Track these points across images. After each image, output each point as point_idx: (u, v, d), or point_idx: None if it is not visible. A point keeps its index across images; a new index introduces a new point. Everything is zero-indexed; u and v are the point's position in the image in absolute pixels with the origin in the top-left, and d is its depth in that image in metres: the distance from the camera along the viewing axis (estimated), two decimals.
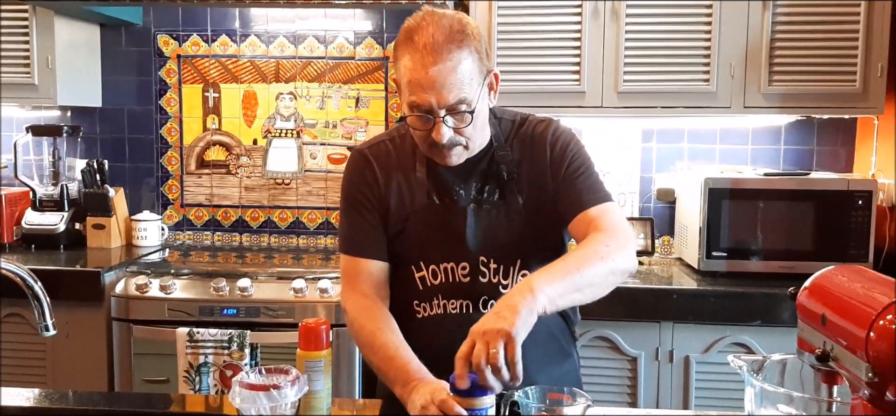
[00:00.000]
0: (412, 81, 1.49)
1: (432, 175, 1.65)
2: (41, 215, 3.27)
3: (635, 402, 2.73)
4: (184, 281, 2.83)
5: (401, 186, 1.66)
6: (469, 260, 1.61)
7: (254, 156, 3.47)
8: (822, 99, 2.87)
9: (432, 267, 1.63)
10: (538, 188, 1.64)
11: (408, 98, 1.52)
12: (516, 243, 1.62)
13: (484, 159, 1.66)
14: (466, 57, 1.50)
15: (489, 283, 1.62)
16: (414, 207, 1.65)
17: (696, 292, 2.71)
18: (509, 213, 1.63)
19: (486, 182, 1.65)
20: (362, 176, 1.68)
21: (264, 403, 1.34)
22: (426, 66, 1.47)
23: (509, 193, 1.64)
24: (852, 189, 2.77)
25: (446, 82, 1.48)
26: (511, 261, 1.63)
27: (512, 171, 1.64)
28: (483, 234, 1.63)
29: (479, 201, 1.64)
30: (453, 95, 1.49)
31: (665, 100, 2.90)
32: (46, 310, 1.54)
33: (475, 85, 1.52)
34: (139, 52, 3.45)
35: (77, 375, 2.85)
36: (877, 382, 1.05)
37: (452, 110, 1.51)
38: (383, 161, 1.68)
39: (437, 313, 1.64)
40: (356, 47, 3.37)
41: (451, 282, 1.63)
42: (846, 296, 1.16)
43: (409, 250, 1.65)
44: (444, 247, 1.63)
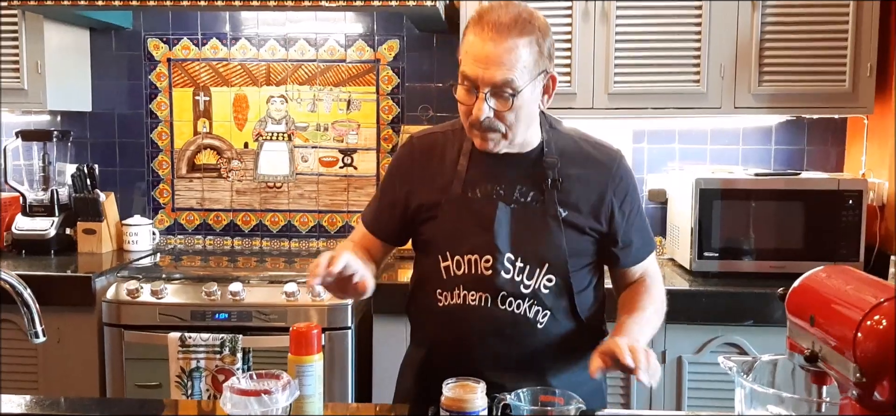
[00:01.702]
0: (468, 53, 1.56)
1: (473, 168, 1.68)
2: (31, 221, 3.26)
3: (628, 403, 2.73)
4: (175, 286, 2.83)
5: (438, 177, 1.70)
6: (493, 254, 1.63)
7: (245, 159, 3.46)
8: (812, 99, 2.88)
9: (457, 257, 1.66)
10: (584, 208, 1.67)
11: (461, 69, 1.58)
12: (547, 248, 1.64)
13: (530, 161, 1.68)
14: (525, 45, 1.54)
15: (512, 280, 1.64)
16: (448, 197, 1.68)
17: (689, 292, 2.72)
18: (546, 217, 1.65)
19: (530, 183, 1.67)
20: (400, 165, 1.79)
21: (255, 408, 1.34)
22: (484, 42, 1.53)
23: (550, 199, 1.65)
24: (842, 189, 2.79)
25: (497, 61, 1.52)
26: (538, 264, 1.64)
27: (556, 178, 1.65)
28: (514, 232, 1.64)
29: (517, 200, 1.66)
30: (500, 74, 1.53)
31: (656, 101, 2.91)
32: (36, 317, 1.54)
33: (526, 75, 1.55)
34: (129, 56, 3.44)
35: (69, 381, 2.84)
36: (864, 382, 1.06)
37: (496, 91, 1.55)
38: (427, 151, 1.75)
39: (457, 302, 1.66)
40: (347, 50, 3.37)
41: (473, 274, 1.65)
42: (834, 297, 1.16)
43: (438, 238, 1.69)
44: (471, 239, 1.65)
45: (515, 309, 1.63)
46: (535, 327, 1.64)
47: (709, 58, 2.87)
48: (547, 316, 1.64)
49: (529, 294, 1.63)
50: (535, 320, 1.64)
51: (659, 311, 1.71)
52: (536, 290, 1.64)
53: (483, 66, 1.53)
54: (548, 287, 1.64)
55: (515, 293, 1.63)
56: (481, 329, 1.61)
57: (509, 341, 1.63)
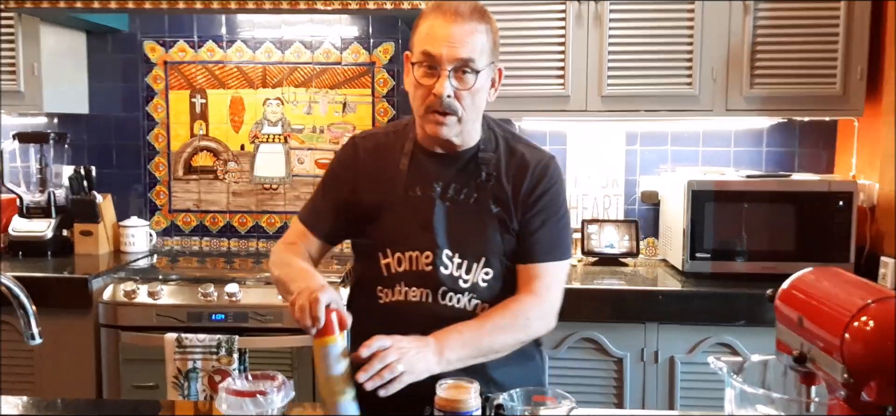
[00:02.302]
0: (429, 35, 1.60)
1: (413, 168, 1.72)
2: (28, 223, 3.27)
3: (621, 403, 2.75)
4: (172, 287, 2.84)
5: (381, 177, 1.73)
6: (433, 251, 1.67)
7: (241, 161, 3.47)
8: (803, 101, 2.90)
9: (397, 255, 1.70)
10: (511, 206, 1.70)
11: (420, 49, 1.61)
12: (483, 243, 1.69)
13: (467, 158, 1.72)
14: (484, 32, 1.62)
15: (451, 275, 1.67)
16: (390, 197, 1.71)
17: (681, 293, 2.74)
18: (481, 214, 1.69)
19: (465, 180, 1.71)
20: (343, 165, 1.80)
21: (251, 409, 1.36)
22: (448, 23, 1.58)
23: (484, 195, 1.69)
24: (833, 191, 2.81)
25: (461, 40, 1.58)
26: (475, 258, 1.68)
27: (491, 174, 1.70)
28: (451, 228, 1.68)
29: (453, 199, 1.70)
30: (464, 51, 1.58)
31: (648, 103, 2.93)
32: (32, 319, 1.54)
33: (484, 60, 1.62)
34: (125, 58, 3.45)
35: (65, 382, 2.85)
36: (852, 383, 1.08)
37: (459, 71, 1.59)
38: (371, 152, 1.77)
39: (399, 299, 1.69)
40: (342, 52, 3.38)
41: (413, 270, 1.68)
42: (822, 298, 1.18)
43: (380, 237, 1.72)
44: (412, 236, 1.69)
45: (455, 304, 1.67)
46: None
47: (701, 60, 2.89)
48: (486, 309, 1.68)
49: (468, 288, 1.67)
50: (475, 314, 1.67)
51: (505, 326, 1.64)
52: (475, 283, 1.68)
53: (447, 44, 1.57)
54: (486, 281, 1.68)
55: (455, 288, 1.67)
56: (423, 325, 1.61)
57: None
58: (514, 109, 2.97)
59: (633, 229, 3.19)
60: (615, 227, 3.20)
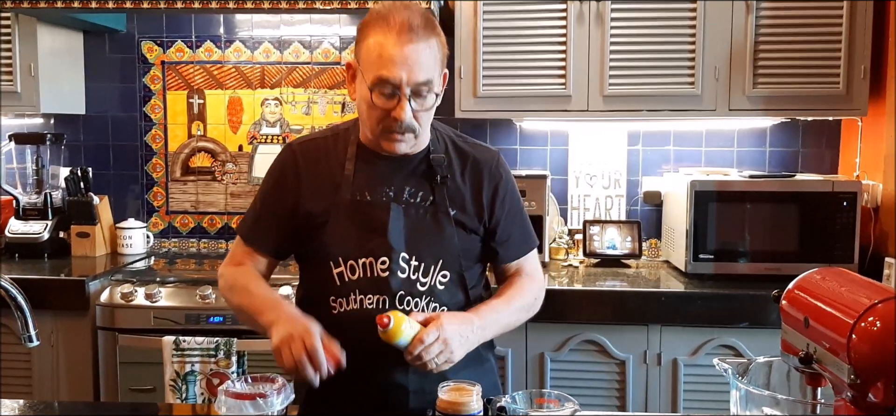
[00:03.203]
0: (383, 57, 1.53)
1: (360, 173, 1.68)
2: (25, 224, 3.25)
3: (624, 405, 2.73)
4: (169, 289, 2.82)
5: (325, 183, 1.68)
6: (389, 255, 1.63)
7: (239, 162, 3.45)
8: (806, 101, 2.88)
9: (350, 262, 1.65)
10: (468, 206, 1.70)
11: (375, 73, 1.54)
12: (440, 244, 1.67)
13: (417, 160, 1.69)
14: (435, 44, 1.58)
15: (408, 279, 1.64)
16: (336, 203, 1.66)
17: (684, 294, 2.72)
18: (437, 215, 1.67)
19: (418, 183, 1.68)
20: (282, 173, 1.72)
21: (250, 411, 1.34)
22: (401, 44, 1.52)
23: (440, 196, 1.68)
24: (837, 191, 2.79)
25: (418, 61, 1.54)
26: (433, 260, 1.66)
27: (445, 176, 1.68)
28: (407, 232, 1.65)
29: (407, 201, 1.67)
30: (423, 74, 1.54)
31: (650, 103, 2.92)
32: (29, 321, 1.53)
33: (437, 72, 1.59)
34: (123, 58, 3.44)
35: (62, 385, 2.83)
36: (859, 383, 1.06)
37: (417, 91, 1.56)
38: (311, 157, 1.71)
39: (354, 308, 1.64)
40: (341, 52, 3.37)
41: (368, 277, 1.64)
42: (828, 299, 1.16)
43: (328, 245, 1.66)
44: (365, 243, 1.64)
45: (413, 307, 1.63)
46: None
47: (703, 60, 2.87)
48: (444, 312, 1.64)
49: (426, 291, 1.65)
50: None
51: (525, 306, 1.76)
52: (433, 286, 1.65)
53: (405, 67, 1.52)
54: (443, 283, 1.66)
55: (412, 292, 1.63)
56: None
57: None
58: (515, 109, 2.96)
59: (635, 229, 3.17)
60: (617, 228, 3.18)
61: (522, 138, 3.35)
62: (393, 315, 1.45)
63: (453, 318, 1.56)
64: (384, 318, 1.44)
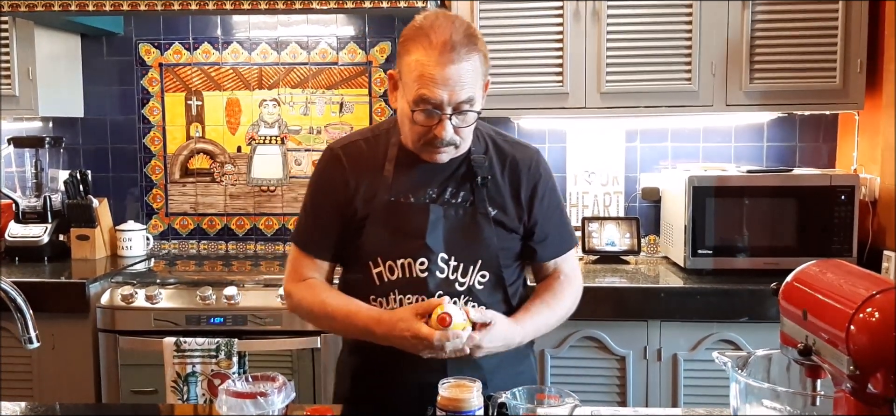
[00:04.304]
0: (425, 76, 1.53)
1: (401, 174, 1.68)
2: (24, 228, 3.25)
3: (624, 401, 2.74)
4: (170, 291, 2.82)
5: (367, 185, 1.69)
6: (427, 256, 1.64)
7: (238, 163, 3.46)
8: (803, 95, 2.89)
9: (389, 263, 1.66)
10: (508, 206, 1.70)
11: (417, 92, 1.54)
12: (479, 245, 1.67)
13: (458, 162, 1.69)
14: (477, 60, 1.57)
15: (446, 279, 1.65)
16: (376, 204, 1.68)
17: (683, 290, 2.73)
18: (476, 216, 1.67)
19: (458, 184, 1.69)
20: (330, 177, 1.72)
21: (251, 410, 1.34)
22: (443, 64, 1.51)
23: (480, 198, 1.68)
24: (835, 185, 2.80)
25: (459, 81, 1.53)
26: (472, 261, 1.67)
27: (485, 177, 1.68)
28: (446, 233, 1.66)
29: (447, 202, 1.68)
30: (464, 93, 1.54)
31: (648, 99, 2.92)
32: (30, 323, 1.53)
33: (479, 87, 1.59)
34: (120, 61, 3.44)
35: (63, 387, 2.83)
36: (858, 375, 1.06)
37: (458, 109, 1.56)
38: (354, 160, 1.71)
39: (393, 307, 1.66)
40: (339, 52, 3.37)
41: (407, 277, 1.66)
42: (826, 290, 1.17)
43: (369, 246, 1.68)
44: (403, 243, 1.66)
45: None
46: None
47: (700, 56, 2.88)
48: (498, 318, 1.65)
49: (464, 291, 1.66)
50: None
51: (564, 311, 1.75)
52: (471, 287, 1.66)
53: (446, 88, 1.52)
54: (482, 283, 1.67)
55: (450, 292, 1.64)
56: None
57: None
58: (512, 107, 2.96)
59: (634, 226, 3.17)
60: (616, 224, 3.18)
61: (520, 136, 3.34)
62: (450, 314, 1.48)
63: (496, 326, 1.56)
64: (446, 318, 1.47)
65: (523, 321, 1.65)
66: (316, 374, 2.73)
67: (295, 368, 2.74)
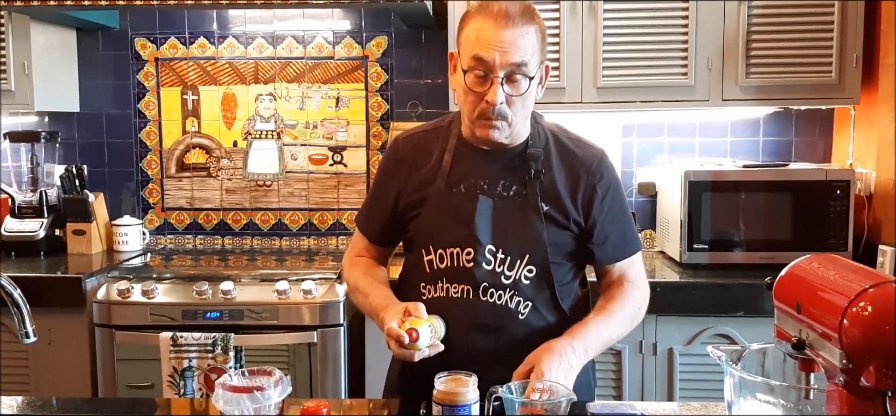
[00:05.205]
0: (480, 39, 1.56)
1: (458, 164, 1.71)
2: (20, 222, 3.25)
3: (620, 395, 2.74)
4: (166, 285, 2.82)
5: (424, 174, 1.73)
6: (474, 247, 1.65)
7: (234, 158, 3.45)
8: (799, 90, 2.90)
9: (440, 251, 1.68)
10: (564, 203, 1.68)
11: (472, 53, 1.57)
12: (528, 240, 1.66)
13: (514, 154, 1.69)
14: (534, 33, 1.58)
15: (493, 271, 1.65)
16: (431, 192, 1.71)
17: (679, 284, 2.73)
18: (527, 209, 1.67)
19: (512, 176, 1.68)
20: (390, 164, 1.80)
21: (248, 405, 1.34)
22: (498, 28, 1.55)
23: (531, 192, 1.67)
24: (830, 179, 2.81)
25: (513, 44, 1.55)
26: (519, 255, 1.66)
27: (539, 171, 1.67)
28: (495, 224, 1.66)
29: (499, 194, 1.68)
30: (517, 56, 1.56)
31: (644, 94, 2.92)
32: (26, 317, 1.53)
33: (535, 60, 1.60)
34: (116, 55, 3.43)
35: (60, 382, 2.83)
36: (851, 368, 1.07)
37: (511, 76, 1.57)
38: (412, 150, 1.77)
39: (440, 295, 1.68)
40: (335, 47, 3.37)
41: (454, 267, 1.67)
42: (820, 284, 1.17)
43: (422, 233, 1.72)
44: (452, 232, 1.67)
45: (496, 300, 1.65)
46: (517, 318, 1.66)
47: (696, 51, 2.88)
48: (528, 307, 1.66)
49: (510, 285, 1.65)
50: (517, 311, 1.66)
51: (628, 317, 1.71)
52: (517, 280, 1.65)
53: (499, 49, 1.54)
54: (528, 278, 1.66)
55: (496, 284, 1.65)
56: (463, 321, 1.63)
57: (491, 333, 1.64)
58: None
59: None
60: None
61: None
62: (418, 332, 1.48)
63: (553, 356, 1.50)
64: (413, 333, 1.47)
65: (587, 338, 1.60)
66: (312, 368, 2.73)
67: (291, 362, 2.74)
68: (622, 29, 2.90)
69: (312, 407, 1.43)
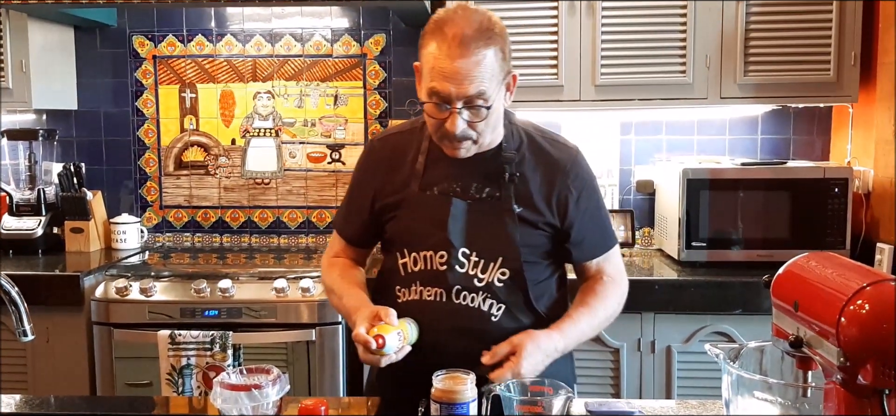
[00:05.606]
0: (435, 69, 1.54)
1: (431, 167, 1.70)
2: (18, 220, 3.24)
3: (618, 393, 2.75)
4: (164, 283, 2.82)
5: (399, 176, 1.72)
6: (447, 250, 1.65)
7: (232, 156, 3.45)
8: (797, 88, 2.90)
9: (414, 255, 1.68)
10: (539, 204, 1.67)
11: (428, 84, 1.57)
12: (501, 242, 1.66)
13: (488, 158, 1.68)
14: (491, 55, 1.55)
15: (466, 274, 1.65)
16: (406, 195, 1.70)
17: (677, 282, 2.74)
18: (501, 212, 1.66)
19: (486, 180, 1.68)
20: (366, 165, 1.80)
21: (246, 403, 1.35)
22: (452, 58, 1.52)
23: (505, 194, 1.67)
24: (828, 177, 2.81)
25: (468, 75, 1.52)
26: (492, 258, 1.66)
27: (513, 173, 1.66)
28: (468, 227, 1.66)
29: (473, 196, 1.67)
30: (473, 87, 1.53)
31: (642, 92, 2.92)
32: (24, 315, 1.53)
33: (495, 82, 1.57)
34: (114, 53, 3.43)
35: (58, 380, 2.83)
36: (848, 366, 1.07)
37: (469, 103, 1.55)
38: (388, 152, 1.76)
39: (415, 298, 1.68)
40: (333, 45, 3.36)
41: (428, 270, 1.67)
42: (817, 282, 1.17)
43: (397, 236, 1.72)
44: (426, 236, 1.67)
45: (469, 303, 1.65)
46: (490, 321, 1.65)
47: (694, 49, 2.88)
48: (501, 310, 1.66)
49: (483, 287, 1.65)
50: (490, 314, 1.65)
51: (608, 314, 1.73)
52: (490, 283, 1.65)
53: (454, 82, 1.52)
54: (502, 281, 1.65)
55: (469, 287, 1.65)
56: (437, 325, 1.62)
57: (465, 335, 1.63)
58: None
59: (628, 218, 3.18)
60: (610, 217, 3.18)
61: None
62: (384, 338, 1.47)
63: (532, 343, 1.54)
64: (380, 339, 1.47)
65: (564, 328, 1.63)
66: (311, 366, 2.73)
67: (290, 360, 2.74)
68: (620, 27, 2.90)
69: (311, 406, 1.43)
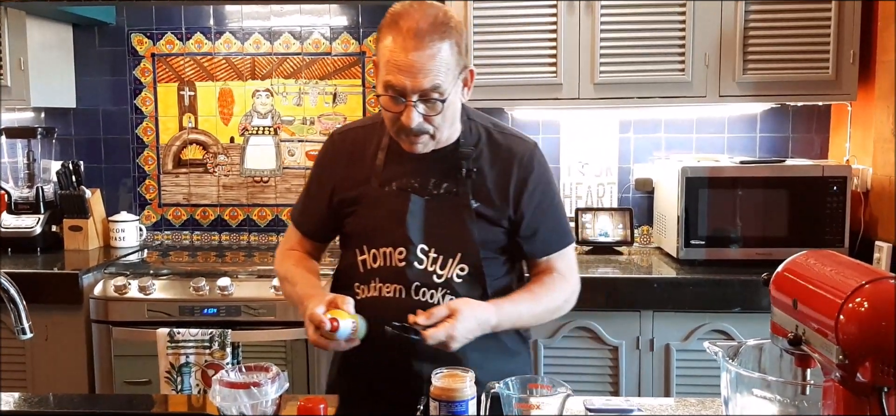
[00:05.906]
0: (390, 62, 1.53)
1: (390, 163, 1.69)
2: (17, 219, 3.24)
3: (617, 391, 2.75)
4: (163, 281, 2.82)
5: (358, 171, 1.72)
6: (406, 246, 1.65)
7: (231, 154, 3.45)
8: (796, 86, 2.90)
9: (373, 251, 1.68)
10: (495, 199, 1.68)
11: (383, 78, 1.56)
12: (460, 238, 1.66)
13: (446, 154, 1.68)
14: (446, 48, 1.54)
15: (425, 271, 1.65)
16: (366, 192, 1.70)
17: (676, 280, 2.74)
18: (459, 208, 1.67)
19: (444, 176, 1.68)
20: (326, 160, 1.79)
21: (245, 401, 1.35)
22: (407, 51, 1.51)
23: (463, 190, 1.67)
24: (827, 175, 2.81)
25: (423, 68, 1.52)
26: (451, 254, 1.66)
27: (471, 169, 1.67)
28: (427, 223, 1.66)
29: (430, 192, 1.67)
30: (428, 80, 1.53)
31: (641, 90, 2.92)
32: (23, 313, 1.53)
33: (450, 76, 1.56)
34: (113, 51, 3.42)
35: (57, 378, 2.83)
36: (847, 364, 1.07)
37: (425, 97, 1.55)
38: (348, 146, 1.76)
39: (374, 295, 1.67)
40: (332, 43, 3.36)
41: (387, 266, 1.66)
42: (816, 280, 1.17)
43: (356, 232, 1.72)
44: (385, 232, 1.67)
45: (429, 299, 1.64)
46: None
47: (693, 47, 2.88)
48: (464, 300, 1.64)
49: (442, 283, 1.65)
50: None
51: (552, 307, 1.73)
52: (449, 279, 1.65)
53: (409, 75, 1.52)
54: (461, 276, 1.66)
55: (428, 283, 1.64)
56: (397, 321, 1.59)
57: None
58: (506, 98, 2.96)
59: (627, 217, 3.18)
60: (609, 215, 3.19)
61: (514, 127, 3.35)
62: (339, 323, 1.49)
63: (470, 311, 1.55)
64: (335, 322, 1.48)
65: (501, 304, 1.63)
66: (309, 364, 2.73)
67: (289, 358, 2.74)
68: (619, 25, 2.89)
69: (310, 404, 1.43)
